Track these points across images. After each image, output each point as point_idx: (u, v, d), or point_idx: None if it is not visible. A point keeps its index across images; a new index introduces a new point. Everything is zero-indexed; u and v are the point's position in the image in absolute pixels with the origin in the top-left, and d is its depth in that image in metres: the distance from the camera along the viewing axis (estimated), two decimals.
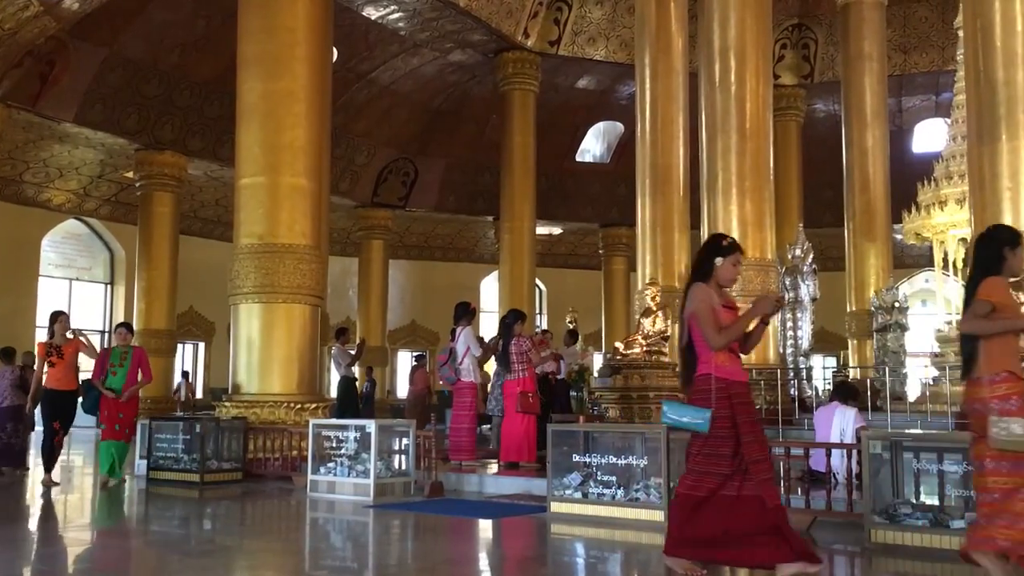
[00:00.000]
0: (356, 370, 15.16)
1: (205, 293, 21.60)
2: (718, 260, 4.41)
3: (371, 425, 8.27)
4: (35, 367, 9.64)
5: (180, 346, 22.06)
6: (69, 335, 9.28)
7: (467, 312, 10.00)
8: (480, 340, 10.27)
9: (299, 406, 10.15)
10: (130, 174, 20.07)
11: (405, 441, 8.64)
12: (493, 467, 9.63)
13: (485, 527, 6.81)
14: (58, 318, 9.32)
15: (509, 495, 8.11)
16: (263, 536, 6.84)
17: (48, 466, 9.09)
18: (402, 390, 26.88)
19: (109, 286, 23.27)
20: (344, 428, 8.60)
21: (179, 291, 19.94)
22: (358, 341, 17.62)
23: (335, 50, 16.71)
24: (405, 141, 23.50)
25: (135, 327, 18.07)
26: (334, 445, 8.49)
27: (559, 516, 6.83)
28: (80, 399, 9.34)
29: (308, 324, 10.50)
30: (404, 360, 27.50)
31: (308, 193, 10.54)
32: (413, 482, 8.33)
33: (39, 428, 10.23)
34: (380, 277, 24.29)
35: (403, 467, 8.60)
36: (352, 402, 13.25)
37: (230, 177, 12.98)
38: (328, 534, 7.01)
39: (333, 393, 14.81)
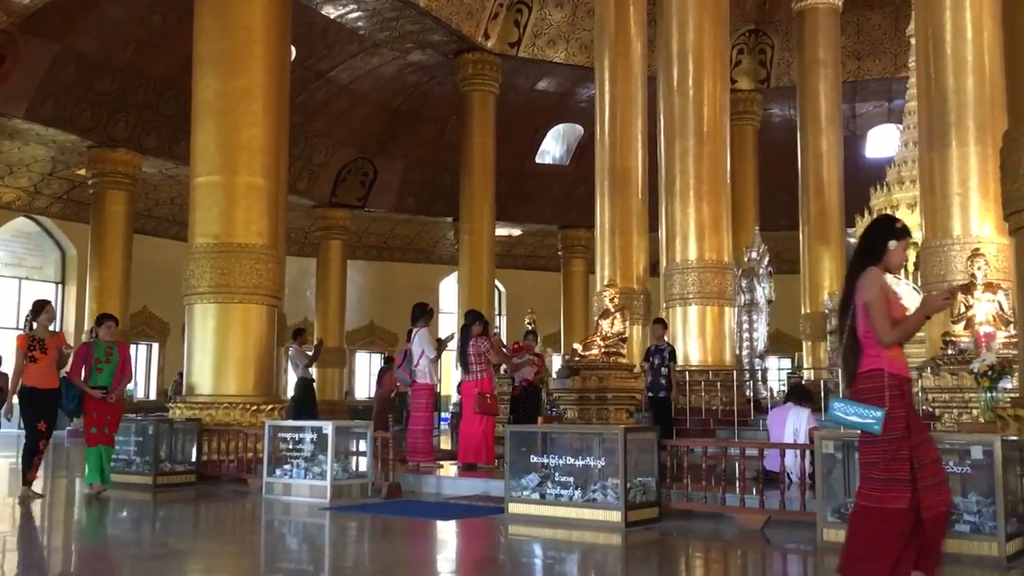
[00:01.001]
0: (314, 371, 15.05)
1: (159, 293, 21.28)
2: (891, 243, 3.99)
3: (328, 427, 8.21)
4: (14, 362, 8.46)
5: (133, 347, 21.70)
6: (53, 329, 8.43)
7: (424, 313, 9.97)
8: (438, 342, 10.26)
9: (255, 407, 10.05)
10: (82, 172, 19.72)
11: (362, 443, 8.59)
12: (452, 469, 9.62)
13: (442, 528, 6.80)
14: (43, 308, 8.29)
15: (467, 496, 8.10)
16: (217, 539, 6.76)
17: (29, 475, 8.06)
18: (360, 391, 26.76)
19: (60, 286, 22.83)
20: (301, 429, 8.52)
21: (132, 291, 19.64)
22: (316, 342, 17.48)
23: (293, 48, 16.56)
24: (364, 141, 23.38)
25: (86, 327, 17.78)
26: (290, 447, 8.41)
27: (517, 517, 6.83)
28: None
29: (264, 324, 10.40)
30: (362, 361, 27.36)
31: (265, 192, 10.44)
32: (370, 484, 8.29)
33: (12, 431, 9.74)
34: (338, 278, 24.13)
35: (360, 469, 8.55)
36: (309, 403, 13.13)
37: (185, 176, 12.81)
38: (284, 536, 6.94)
39: (290, 394, 14.67)
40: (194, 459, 9.46)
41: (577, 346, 11.93)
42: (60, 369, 8.28)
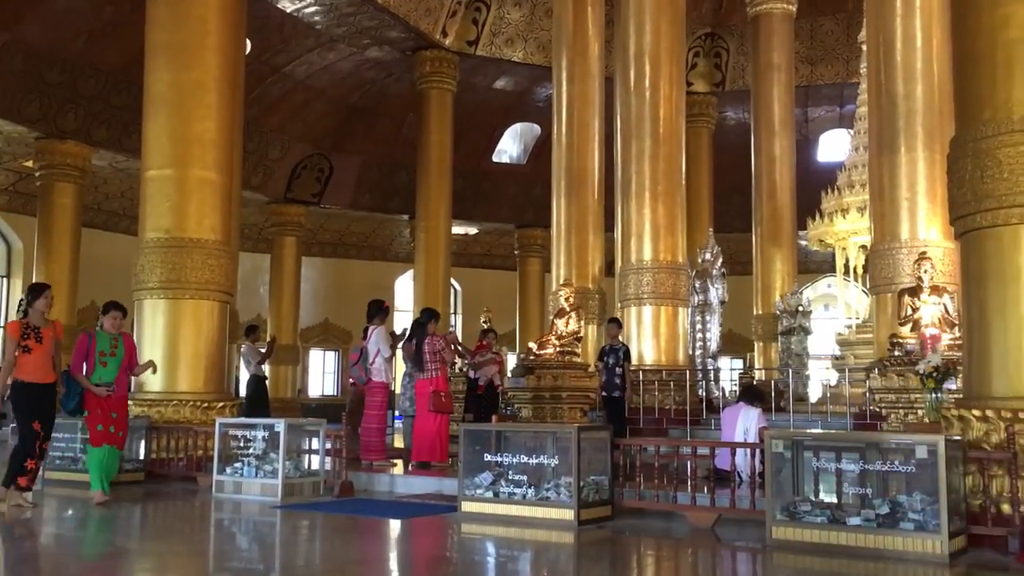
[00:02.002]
0: (267, 368, 14.90)
1: (108, 288, 20.67)
2: None
3: (280, 424, 8.13)
4: (5, 352, 7.54)
5: None
6: (51, 317, 7.53)
7: (380, 311, 9.92)
8: (392, 335, 10.23)
9: (206, 405, 9.91)
10: (30, 163, 19.26)
11: (315, 441, 8.52)
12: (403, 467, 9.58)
13: (395, 527, 6.77)
14: (42, 292, 7.38)
15: (420, 495, 8.08)
16: (166, 538, 6.65)
17: (21, 479, 7.12)
18: (314, 389, 26.54)
19: (5, 279, 22.33)
20: (252, 427, 8.43)
21: (80, 285, 19.23)
22: (268, 339, 17.31)
23: (248, 41, 16.36)
24: (320, 137, 23.18)
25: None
26: (241, 445, 8.32)
27: (470, 515, 6.83)
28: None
29: (216, 321, 10.27)
30: (316, 359, 27.14)
31: (218, 187, 10.31)
32: (323, 482, 8.22)
33: None
34: (292, 274, 23.90)
35: (312, 467, 8.48)
36: (262, 401, 13.02)
37: (136, 169, 12.59)
38: (234, 535, 6.86)
39: (243, 392, 14.51)
40: (143, 457, 9.31)
41: (532, 345, 11.94)
42: (57, 362, 7.41)
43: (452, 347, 9.96)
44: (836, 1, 21.48)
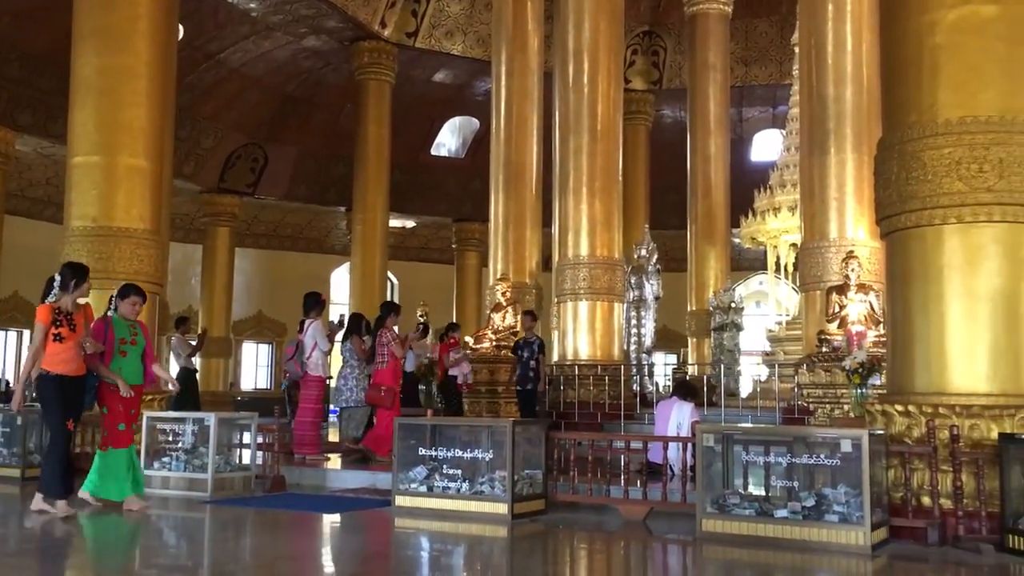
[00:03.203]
0: (197, 361, 14.62)
1: (32, 277, 19.98)
2: None
3: (211, 418, 7.98)
4: (36, 339, 6.54)
5: (3, 333, 20.65)
6: (82, 301, 6.68)
7: (317, 304, 9.81)
8: (331, 324, 10.14)
9: None
10: None
11: (246, 435, 8.39)
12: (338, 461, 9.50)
13: (327, 522, 6.70)
14: (87, 275, 6.67)
15: (354, 489, 8.02)
16: (90, 534, 6.48)
17: (63, 487, 6.42)
18: (247, 383, 26.12)
19: None
20: (181, 421, 8.26)
21: (3, 275, 18.66)
22: (200, 331, 16.98)
23: (181, 27, 16.01)
24: (255, 126, 22.79)
25: None
26: (170, 438, 8.15)
27: (404, 510, 6.80)
28: None
29: (145, 312, 10.02)
30: (249, 352, 26.71)
31: (148, 175, 10.06)
32: (254, 477, 8.10)
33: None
34: (225, 265, 23.46)
35: (243, 461, 8.34)
36: (191, 394, 12.77)
37: (63, 155, 12.20)
38: (161, 531, 6.71)
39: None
40: None
41: (469, 339, 11.95)
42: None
43: (397, 340, 9.87)
44: (771, 3, 21.87)
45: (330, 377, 10.32)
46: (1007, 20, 5.90)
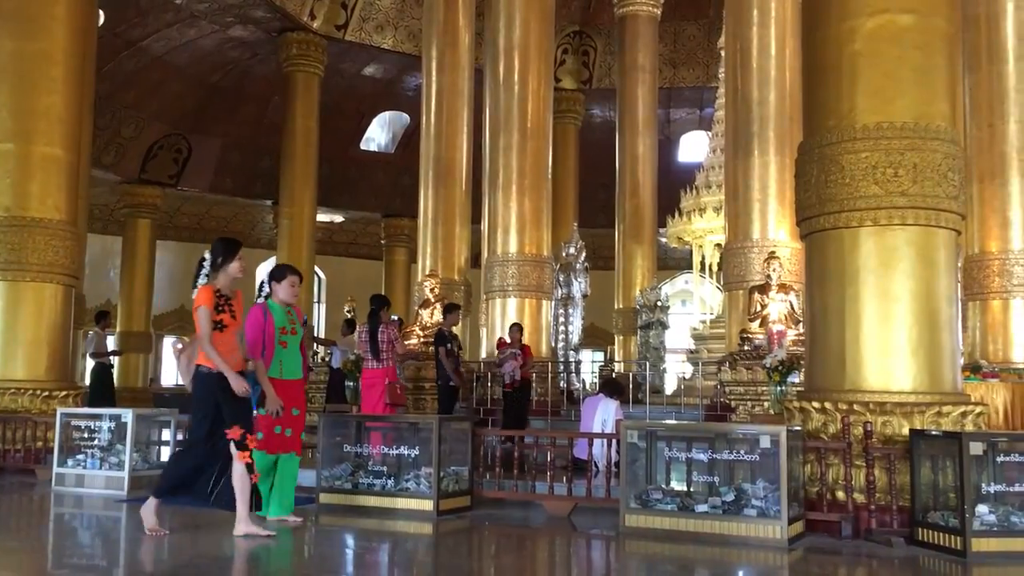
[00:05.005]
0: (113, 356, 14.26)
1: None
2: None
3: (128, 414, 7.78)
4: (204, 328, 5.54)
5: None
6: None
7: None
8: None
9: (46, 393, 9.42)
10: None
11: (165, 432, 8.20)
12: None
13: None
14: (238, 250, 5.60)
15: None
16: None
17: (168, 489, 5.62)
18: (167, 379, 25.51)
19: None
20: (97, 417, 8.04)
21: None
22: (115, 348, 15.97)
23: (101, 13, 15.57)
24: (178, 116, 22.26)
25: None
26: (85, 436, 7.92)
27: (328, 507, 6.73)
28: None
29: (60, 305, 9.75)
30: (170, 347, 26.09)
31: (64, 164, 9.78)
32: None
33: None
34: (146, 258, 22.87)
35: (163, 459, 8.15)
36: (107, 390, 12.45)
37: None
38: (75, 531, 6.52)
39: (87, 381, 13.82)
40: None
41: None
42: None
43: (398, 339, 9.54)
44: (698, 7, 22.24)
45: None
46: (923, 29, 6.10)
